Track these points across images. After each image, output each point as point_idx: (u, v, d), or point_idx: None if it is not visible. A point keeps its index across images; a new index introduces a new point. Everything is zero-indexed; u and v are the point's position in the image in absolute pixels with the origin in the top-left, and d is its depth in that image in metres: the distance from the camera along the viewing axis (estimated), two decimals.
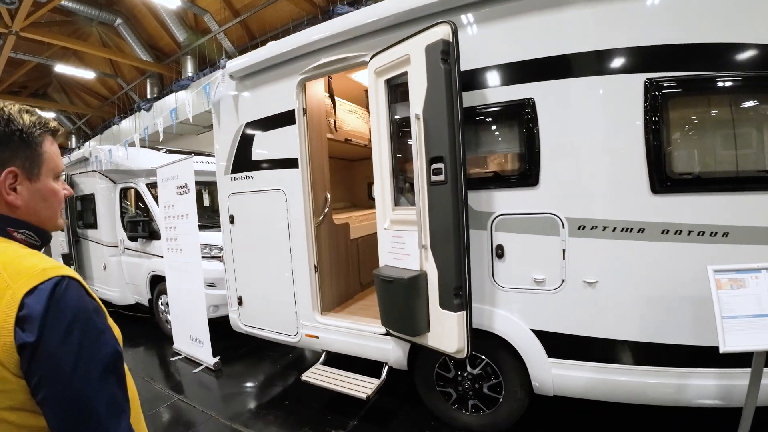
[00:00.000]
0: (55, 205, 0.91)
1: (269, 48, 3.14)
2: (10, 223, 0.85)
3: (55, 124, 0.92)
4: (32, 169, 0.85)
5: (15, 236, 0.85)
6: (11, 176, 0.82)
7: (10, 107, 0.84)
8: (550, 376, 2.32)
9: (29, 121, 0.84)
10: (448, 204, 2.17)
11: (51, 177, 0.89)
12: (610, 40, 2.08)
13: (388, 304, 2.50)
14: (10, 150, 0.82)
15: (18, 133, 0.83)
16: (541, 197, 2.28)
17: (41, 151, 0.87)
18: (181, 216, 4.12)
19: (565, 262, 2.23)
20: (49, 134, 0.90)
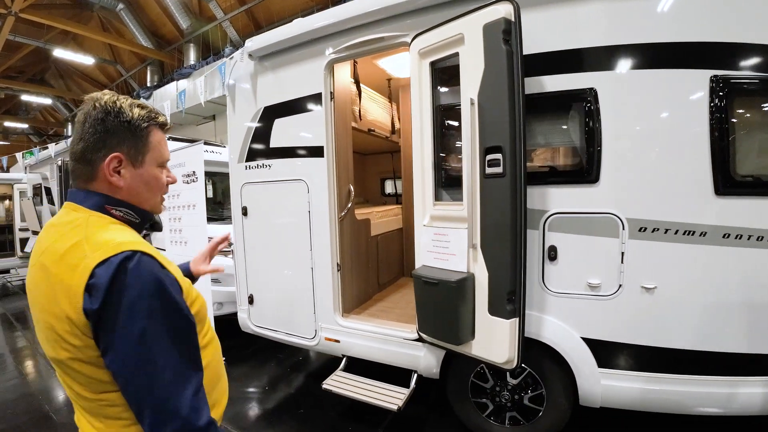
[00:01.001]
0: (155, 190, 1.03)
1: (295, 25, 2.88)
2: (110, 201, 0.96)
3: (164, 119, 1.04)
4: (137, 156, 0.97)
5: (113, 213, 0.96)
6: (116, 161, 0.94)
7: (123, 101, 0.96)
8: (600, 388, 2.16)
9: (138, 114, 0.97)
10: (505, 199, 1.94)
11: (155, 165, 1.01)
12: (678, 32, 1.93)
13: (428, 309, 2.26)
14: (118, 138, 0.94)
15: (126, 124, 0.95)
16: (600, 195, 2.09)
17: (147, 141, 0.98)
18: (188, 206, 3.85)
19: (624, 266, 2.07)
20: (156, 127, 1.01)
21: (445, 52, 2.22)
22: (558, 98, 2.16)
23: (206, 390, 0.92)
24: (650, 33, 1.97)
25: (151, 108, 1.01)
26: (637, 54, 1.99)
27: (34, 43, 13.21)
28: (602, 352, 2.15)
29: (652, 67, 1.98)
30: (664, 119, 1.99)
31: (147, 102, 12.33)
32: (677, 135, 1.97)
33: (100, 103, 0.94)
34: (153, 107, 1.04)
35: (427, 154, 2.33)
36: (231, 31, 11.61)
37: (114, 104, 0.94)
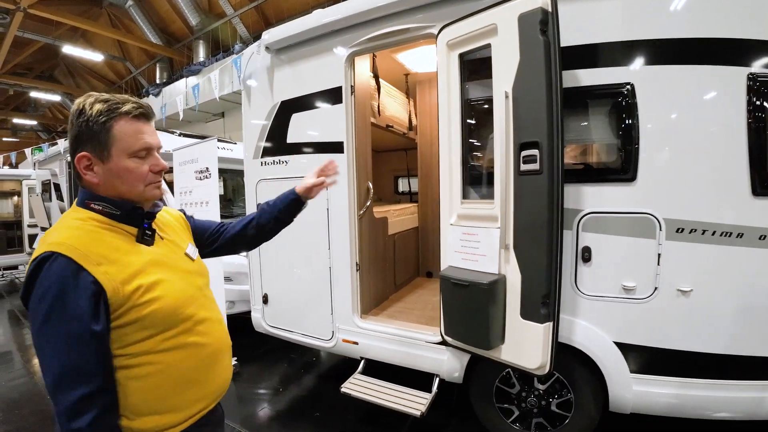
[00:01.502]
0: (132, 181, 1.02)
1: (315, 16, 2.79)
2: (90, 196, 1.02)
3: (129, 107, 0.99)
4: (102, 151, 0.98)
5: (93, 207, 1.01)
6: (84, 160, 0.99)
7: (86, 100, 0.99)
8: (631, 393, 2.09)
9: (97, 110, 0.96)
10: (541, 197, 1.84)
11: (124, 156, 0.99)
12: (716, 28, 1.86)
13: (456, 312, 2.17)
14: (83, 138, 0.98)
15: (85, 124, 0.97)
16: (638, 194, 2.00)
17: (109, 135, 0.98)
18: (200, 203, 3.78)
19: (660, 268, 1.99)
20: (120, 117, 0.98)
21: (475, 44, 2.12)
22: (593, 93, 2.07)
23: (164, 395, 0.99)
24: (689, 28, 1.89)
25: (116, 100, 1.00)
26: (675, 49, 1.91)
27: (43, 39, 13.22)
28: (635, 356, 2.08)
29: (690, 63, 1.90)
30: (701, 117, 1.91)
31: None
32: (714, 133, 1.90)
33: (74, 107, 0.99)
34: (124, 98, 1.02)
35: (455, 151, 2.23)
36: (241, 27, 11.56)
37: (78, 106, 0.98)
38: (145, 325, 0.96)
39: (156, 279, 1.01)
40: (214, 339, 1.13)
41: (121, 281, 0.93)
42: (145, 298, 0.96)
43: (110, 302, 0.91)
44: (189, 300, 1.08)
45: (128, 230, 1.04)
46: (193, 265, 1.20)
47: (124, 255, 0.98)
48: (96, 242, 0.96)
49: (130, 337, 0.95)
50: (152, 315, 0.97)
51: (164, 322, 1.00)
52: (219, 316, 1.21)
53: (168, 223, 1.23)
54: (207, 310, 1.14)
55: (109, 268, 0.93)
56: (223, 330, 1.20)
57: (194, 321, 1.07)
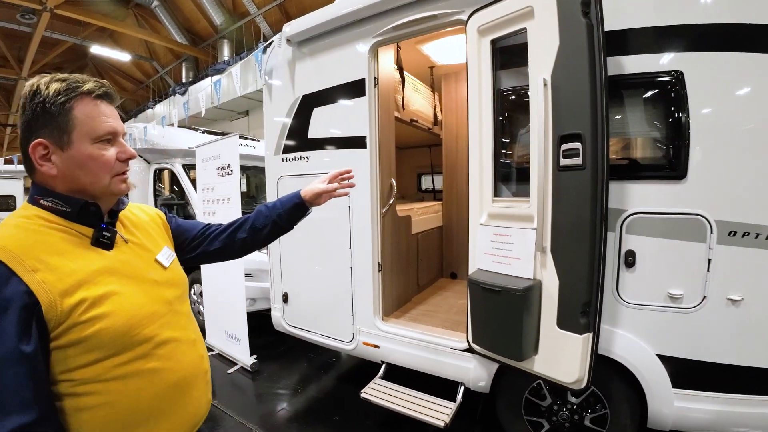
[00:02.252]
0: (96, 170, 0.89)
1: (336, 6, 2.68)
2: (38, 191, 0.89)
3: (91, 85, 0.88)
4: (61, 137, 0.85)
5: (42, 203, 0.88)
6: (41, 148, 0.85)
7: (41, 79, 0.86)
8: (672, 410, 1.92)
9: (54, 89, 0.84)
10: (583, 195, 1.68)
11: (87, 142, 0.87)
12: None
13: (486, 319, 2.02)
14: (38, 122, 0.85)
15: (41, 105, 0.84)
16: (687, 194, 1.82)
17: (69, 117, 0.85)
18: (222, 200, 3.74)
19: (710, 274, 1.80)
20: (81, 97, 0.87)
21: (509, 28, 1.96)
22: (639, 81, 1.89)
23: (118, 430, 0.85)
24: (744, 13, 1.69)
25: (75, 78, 0.88)
26: (729, 35, 1.72)
27: (71, 39, 13.55)
28: (678, 370, 1.92)
29: (747, 51, 1.70)
30: (758, 110, 1.71)
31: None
32: None
33: (23, 91, 0.87)
34: (83, 77, 0.90)
35: (486, 145, 2.07)
36: (264, 26, 11.62)
37: (32, 86, 0.86)
38: (89, 347, 0.81)
39: (105, 291, 0.85)
40: (180, 364, 0.97)
41: (60, 293, 0.79)
42: (89, 314, 0.81)
43: (46, 318, 0.76)
44: (149, 318, 0.92)
45: (82, 231, 0.90)
46: (164, 274, 1.04)
47: (69, 260, 0.84)
48: (36, 244, 0.81)
49: (73, 360, 0.80)
50: (97, 336, 0.81)
51: (114, 344, 0.84)
52: (192, 335, 1.05)
53: (139, 223, 1.08)
54: (174, 329, 0.98)
55: (46, 276, 0.78)
56: (194, 353, 1.03)
57: (155, 343, 0.91)
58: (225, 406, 3.11)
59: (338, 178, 1.43)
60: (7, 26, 11.94)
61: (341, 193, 1.43)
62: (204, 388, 1.06)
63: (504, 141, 2.11)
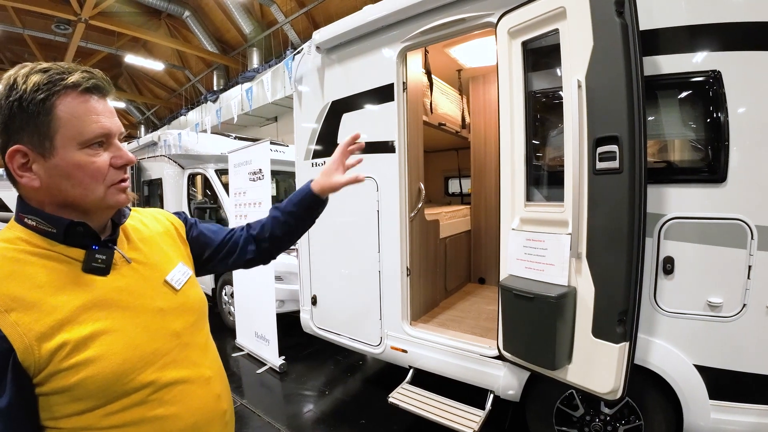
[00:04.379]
0: (85, 181, 0.74)
1: (365, 12, 2.71)
2: (22, 207, 0.76)
3: (76, 78, 0.71)
4: (42, 142, 0.70)
5: (27, 222, 0.74)
6: (19, 156, 0.71)
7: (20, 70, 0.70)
8: (709, 422, 1.85)
9: (33, 83, 0.68)
10: (621, 200, 1.63)
11: (73, 147, 0.72)
12: None
13: (518, 326, 1.98)
14: (14, 124, 0.69)
15: (17, 103, 0.68)
16: (727, 197, 1.75)
17: (50, 118, 0.69)
18: (254, 204, 3.84)
19: (750, 282, 1.73)
20: (66, 92, 0.70)
21: (541, 30, 1.93)
22: (675, 82, 1.83)
23: None
24: None
25: (59, 67, 0.72)
26: None
27: (106, 49, 14.17)
28: (716, 381, 1.85)
29: None
30: None
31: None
32: None
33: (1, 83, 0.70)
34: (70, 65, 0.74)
35: (518, 148, 2.04)
36: (292, 34, 11.86)
37: (7, 80, 0.70)
38: (75, 396, 0.69)
39: (92, 331, 0.71)
40: (190, 409, 0.82)
41: (37, 336, 0.66)
42: (72, 360, 0.68)
43: (24, 365, 0.65)
44: (148, 358, 0.77)
45: (71, 255, 0.75)
46: (174, 298, 0.88)
47: (50, 295, 0.70)
48: (12, 276, 0.68)
49: (59, 409, 0.69)
50: (82, 385, 0.68)
51: (103, 393, 0.71)
52: (206, 372, 0.88)
53: (149, 236, 0.93)
54: (182, 367, 0.83)
55: (21, 317, 0.66)
56: (209, 394, 0.87)
57: (155, 387, 0.77)
58: (254, 406, 3.18)
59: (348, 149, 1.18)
60: (43, 36, 12.61)
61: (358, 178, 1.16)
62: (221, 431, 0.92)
63: (536, 144, 2.08)
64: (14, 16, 11.91)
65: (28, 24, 12.31)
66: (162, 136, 5.84)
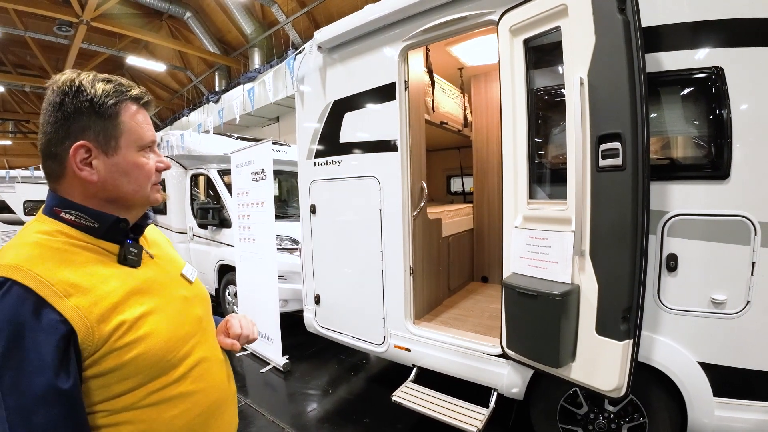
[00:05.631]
0: (140, 179, 0.85)
1: (366, 12, 2.71)
2: (58, 202, 0.80)
3: (138, 92, 0.85)
4: (108, 141, 0.80)
5: (64, 217, 0.79)
6: (83, 150, 0.78)
7: (84, 77, 0.79)
8: (713, 419, 1.85)
9: (102, 90, 0.79)
10: (624, 197, 1.63)
11: (134, 149, 0.83)
12: None
13: (521, 324, 1.98)
14: (81, 122, 0.78)
15: (88, 104, 0.77)
16: (730, 194, 1.75)
17: (118, 122, 0.81)
18: (256, 204, 3.85)
19: (754, 278, 1.73)
20: (130, 102, 0.83)
21: (542, 27, 1.93)
22: (677, 78, 1.83)
23: None
24: None
25: (120, 80, 0.83)
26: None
27: (108, 51, 14.19)
28: (720, 378, 1.85)
29: None
30: None
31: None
32: None
33: (57, 85, 0.78)
34: (124, 80, 0.84)
35: (521, 146, 2.04)
36: (293, 34, 11.86)
37: (72, 83, 0.77)
38: (125, 374, 0.74)
39: (142, 312, 0.79)
40: (214, 386, 0.91)
41: (98, 318, 0.71)
42: (127, 339, 0.74)
43: (82, 347, 0.69)
44: (184, 337, 0.86)
45: (107, 248, 0.83)
46: (191, 289, 0.98)
47: (101, 282, 0.76)
48: (64, 265, 0.73)
49: (106, 391, 0.73)
50: (137, 360, 0.75)
51: (152, 369, 0.77)
52: (221, 355, 0.99)
53: (156, 240, 1.02)
54: (205, 348, 0.92)
55: (80, 301, 0.71)
56: (224, 373, 0.97)
57: (188, 365, 0.85)
58: (258, 405, 3.19)
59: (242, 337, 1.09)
60: (45, 38, 12.64)
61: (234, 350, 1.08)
62: (234, 411, 1.01)
63: (538, 142, 2.07)
64: (16, 19, 11.95)
65: (30, 26, 12.36)
66: (164, 137, 5.86)
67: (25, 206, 8.76)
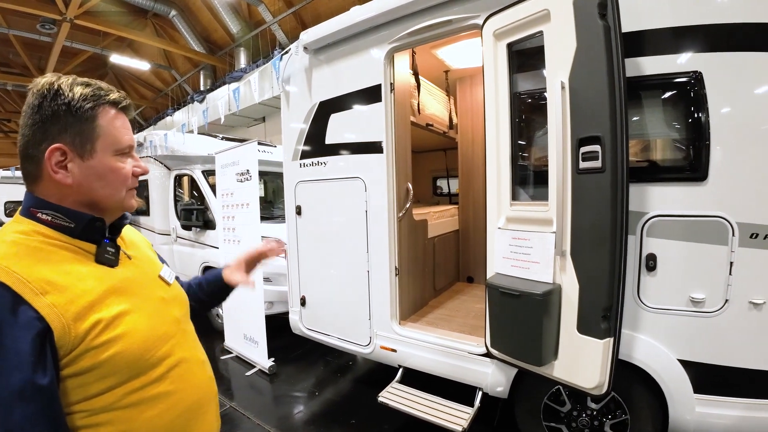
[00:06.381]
0: (115, 184, 0.85)
1: (352, 14, 2.72)
2: (35, 202, 0.81)
3: (117, 96, 0.85)
4: (84, 145, 0.80)
5: (41, 217, 0.80)
6: (58, 153, 0.79)
7: (63, 80, 0.80)
8: (694, 415, 1.89)
9: (80, 93, 0.79)
10: (603, 198, 1.67)
11: (110, 153, 0.83)
12: None
13: (504, 323, 2.01)
14: (58, 125, 0.78)
15: (65, 107, 0.78)
16: (709, 195, 1.80)
17: (95, 126, 0.81)
18: (241, 205, 3.81)
19: (732, 278, 1.78)
20: (107, 106, 0.83)
21: (525, 32, 1.96)
22: (657, 82, 1.88)
23: None
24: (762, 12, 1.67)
25: (99, 84, 0.84)
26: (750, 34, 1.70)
27: (91, 49, 13.85)
28: (699, 375, 1.89)
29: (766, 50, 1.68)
30: None
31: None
32: None
33: (37, 88, 0.79)
34: (104, 84, 0.85)
35: (504, 148, 2.07)
36: (279, 33, 11.79)
37: (51, 86, 0.78)
38: (103, 373, 0.74)
39: (119, 311, 0.79)
40: (193, 386, 0.92)
41: (74, 317, 0.72)
42: (104, 338, 0.74)
43: (58, 345, 0.70)
44: (162, 338, 0.86)
45: (84, 248, 0.83)
46: (169, 290, 0.98)
47: (78, 280, 0.77)
48: (41, 263, 0.74)
49: (85, 389, 0.74)
50: (114, 360, 0.75)
51: (129, 368, 0.78)
52: (201, 355, 1.00)
53: (134, 241, 1.02)
54: (184, 348, 0.93)
55: (56, 299, 0.71)
56: (205, 374, 0.98)
57: (168, 365, 0.86)
58: (243, 408, 3.16)
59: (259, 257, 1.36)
60: (28, 36, 12.31)
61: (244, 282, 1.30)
62: (216, 412, 1.01)
63: (521, 144, 2.11)
64: None
65: (13, 24, 12.02)
66: (148, 136, 5.76)
67: (6, 207, 8.52)
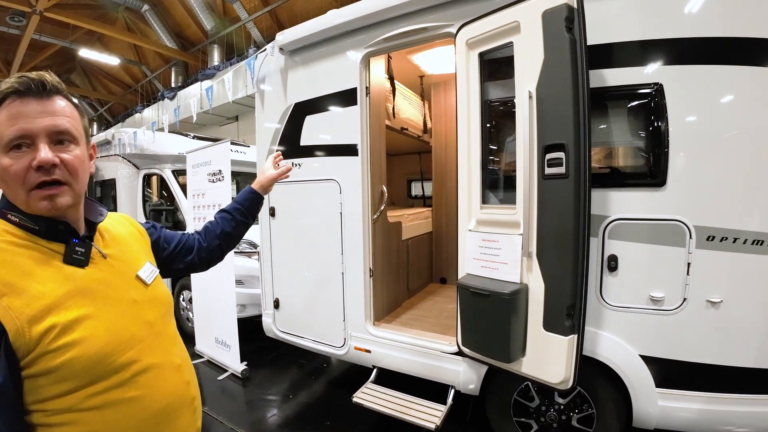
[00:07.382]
0: (11, 185, 0.78)
1: (329, 17, 2.74)
2: (4, 203, 0.81)
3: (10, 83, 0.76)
4: None
5: (10, 218, 0.80)
6: None
7: None
8: (656, 409, 1.99)
9: None
10: (567, 203, 1.75)
11: (1, 151, 0.76)
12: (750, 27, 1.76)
13: (475, 322, 2.08)
14: None
15: None
16: (667, 200, 1.90)
17: None
18: (213, 206, 3.75)
19: (689, 278, 1.89)
20: (8, 99, 0.76)
21: (496, 42, 2.04)
22: (620, 93, 1.98)
23: None
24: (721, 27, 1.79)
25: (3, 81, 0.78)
26: (707, 48, 1.81)
27: (60, 42, 13.40)
28: (661, 370, 1.99)
29: (723, 63, 1.80)
30: (733, 120, 1.81)
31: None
32: (748, 137, 1.79)
33: None
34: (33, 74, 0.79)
35: (474, 154, 2.14)
36: (255, 32, 11.64)
37: None
38: (61, 377, 0.74)
39: (78, 316, 0.77)
40: (162, 392, 0.89)
41: (29, 319, 0.71)
42: (59, 342, 0.73)
43: (14, 347, 0.70)
44: (127, 343, 0.84)
45: (53, 248, 0.82)
46: (145, 292, 0.96)
47: (38, 282, 0.76)
48: (2, 265, 0.74)
49: (44, 390, 0.74)
50: (69, 365, 0.74)
51: (87, 373, 0.77)
52: (176, 359, 0.97)
53: (119, 236, 1.00)
54: (156, 354, 0.90)
55: (13, 301, 0.71)
56: (179, 379, 0.95)
57: (134, 371, 0.84)
58: (216, 413, 3.10)
59: None
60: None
61: (288, 169, 1.61)
62: (191, 416, 0.98)
63: (492, 150, 2.19)
64: None
65: None
66: (116, 134, 5.57)
67: None
